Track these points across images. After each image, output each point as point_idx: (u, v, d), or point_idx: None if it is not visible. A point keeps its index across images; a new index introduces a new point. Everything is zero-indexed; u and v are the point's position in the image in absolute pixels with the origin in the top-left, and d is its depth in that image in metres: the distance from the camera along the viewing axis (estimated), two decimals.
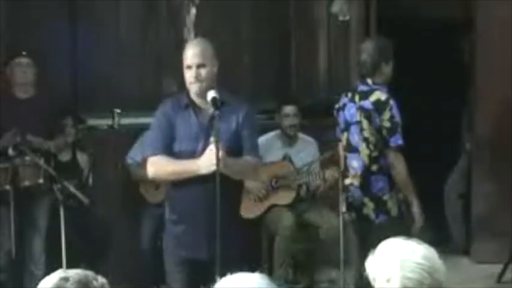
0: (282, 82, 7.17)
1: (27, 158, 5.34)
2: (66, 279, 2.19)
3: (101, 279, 2.24)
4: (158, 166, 4.05)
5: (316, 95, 7.16)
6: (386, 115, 4.82)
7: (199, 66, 4.06)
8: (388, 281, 2.19)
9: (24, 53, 5.70)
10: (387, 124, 4.82)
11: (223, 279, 2.19)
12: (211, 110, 3.97)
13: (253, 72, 7.13)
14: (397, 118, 4.82)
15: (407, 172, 4.86)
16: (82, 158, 6.11)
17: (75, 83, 6.69)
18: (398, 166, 4.83)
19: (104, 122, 6.52)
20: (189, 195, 4.00)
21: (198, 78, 4.04)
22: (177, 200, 4.11)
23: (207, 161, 3.86)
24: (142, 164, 4.71)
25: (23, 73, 5.65)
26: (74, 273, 2.22)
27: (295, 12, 7.10)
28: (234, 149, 3.98)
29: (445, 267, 2.24)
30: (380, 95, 4.87)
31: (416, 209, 4.89)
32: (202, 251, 3.99)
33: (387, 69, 4.99)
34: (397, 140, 4.81)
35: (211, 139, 3.85)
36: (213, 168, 3.80)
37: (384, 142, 4.84)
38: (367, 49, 4.98)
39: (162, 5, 6.94)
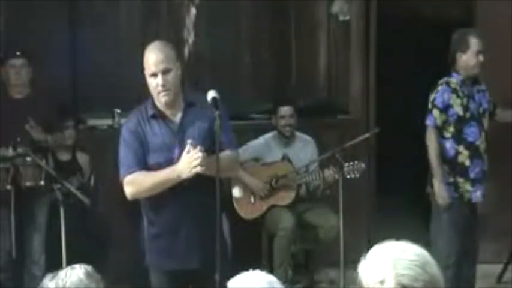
0: (282, 82, 7.17)
1: (28, 158, 5.33)
2: (73, 268, 2.42)
3: (97, 275, 2.44)
4: (137, 183, 3.86)
5: (316, 95, 7.16)
6: (432, 97, 5.24)
7: (165, 72, 3.83)
8: (382, 282, 2.17)
9: (18, 53, 5.67)
10: (429, 105, 5.24)
11: (234, 279, 2.21)
12: (179, 115, 3.88)
13: (253, 72, 7.13)
14: (437, 101, 5.19)
15: (436, 151, 5.19)
16: (82, 158, 6.11)
17: (75, 83, 6.69)
18: (428, 143, 5.23)
19: (104, 122, 6.52)
20: (168, 206, 3.87)
21: (165, 86, 3.82)
22: (157, 212, 3.94)
23: (185, 165, 3.73)
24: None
25: (17, 74, 5.64)
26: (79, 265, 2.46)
27: (295, 12, 7.10)
28: (209, 148, 3.77)
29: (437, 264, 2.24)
30: (442, 80, 5.26)
31: (436, 189, 5.19)
32: (193, 260, 3.89)
33: (463, 57, 5.24)
34: (427, 120, 5.25)
35: (189, 141, 3.72)
36: (194, 171, 3.69)
37: None
38: (451, 41, 5.35)
39: (162, 5, 6.95)
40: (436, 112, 5.20)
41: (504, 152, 6.61)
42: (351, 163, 5.57)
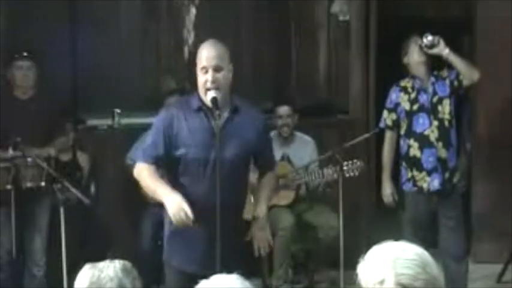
0: (282, 82, 7.17)
1: (29, 158, 5.33)
2: (112, 261, 2.48)
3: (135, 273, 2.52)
4: (140, 175, 3.86)
5: (316, 95, 7.16)
6: None
7: (216, 69, 3.73)
8: (381, 283, 2.15)
9: (25, 54, 5.66)
10: None
11: (202, 282, 2.24)
12: (224, 117, 3.75)
13: (253, 72, 7.13)
14: (386, 102, 5.47)
15: (386, 152, 5.53)
16: (82, 158, 6.11)
17: (75, 83, 6.69)
18: None
19: (104, 122, 6.52)
20: (195, 204, 3.71)
21: (215, 83, 3.71)
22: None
23: (174, 211, 3.64)
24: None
25: (24, 76, 5.62)
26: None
27: (295, 12, 7.11)
28: (242, 157, 3.76)
29: (437, 264, 2.24)
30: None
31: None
32: (212, 266, 3.65)
33: (404, 60, 5.39)
34: (380, 122, 5.57)
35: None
36: (179, 221, 3.62)
37: None
38: None
39: (162, 5, 6.95)
40: (385, 113, 5.48)
41: (504, 152, 6.62)
42: (350, 162, 5.58)
